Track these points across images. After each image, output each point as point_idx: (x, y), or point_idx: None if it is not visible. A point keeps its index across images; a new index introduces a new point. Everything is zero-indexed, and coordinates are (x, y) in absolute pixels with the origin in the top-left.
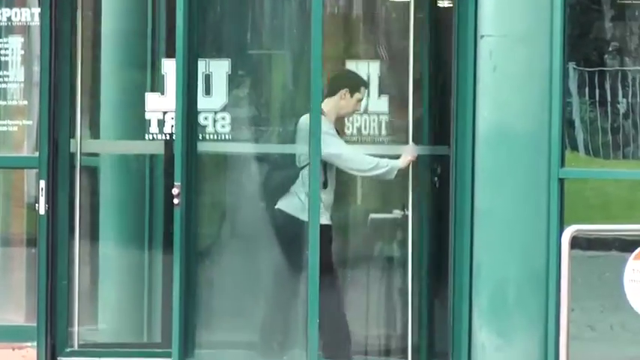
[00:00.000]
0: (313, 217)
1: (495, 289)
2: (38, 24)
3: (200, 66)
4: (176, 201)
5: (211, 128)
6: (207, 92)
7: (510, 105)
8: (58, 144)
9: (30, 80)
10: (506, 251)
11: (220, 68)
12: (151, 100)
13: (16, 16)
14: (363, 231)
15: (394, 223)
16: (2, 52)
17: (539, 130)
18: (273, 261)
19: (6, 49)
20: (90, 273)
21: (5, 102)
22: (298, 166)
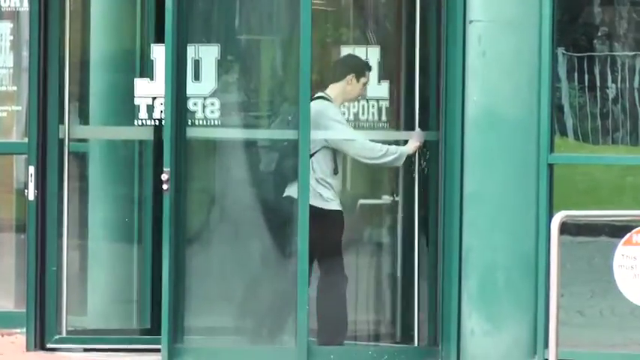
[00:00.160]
0: (303, 203)
1: (485, 275)
2: (27, 9)
3: (189, 51)
4: (165, 187)
5: (200, 114)
6: (196, 78)
7: (499, 90)
8: (48, 130)
9: (19, 66)
10: (495, 236)
11: (210, 54)
12: (140, 86)
13: (5, 2)
14: (352, 217)
15: (383, 209)
16: None
17: (528, 116)
18: (268, 247)
19: None
20: (79, 259)
21: None
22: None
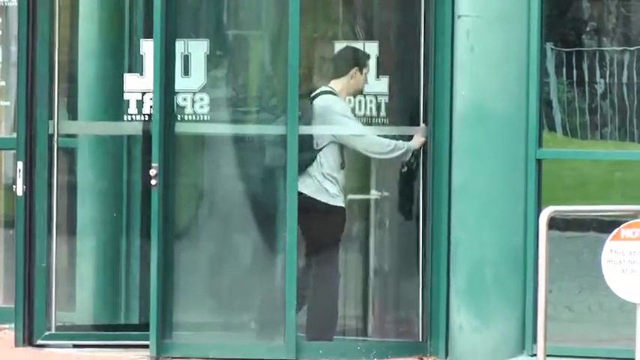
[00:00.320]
0: (291, 198)
1: (473, 270)
2: (16, 4)
3: (179, 46)
4: (153, 182)
5: (190, 109)
6: (185, 73)
7: (488, 85)
8: (37, 125)
9: (8, 61)
10: (483, 232)
11: (199, 49)
12: (130, 81)
13: None
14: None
15: (372, 204)
16: None
17: (516, 111)
18: (257, 243)
19: None
20: (67, 255)
21: None
22: (316, 148)
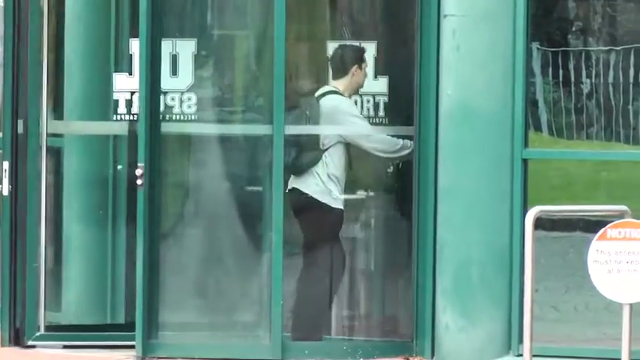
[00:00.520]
0: (277, 197)
1: (459, 270)
2: (2, 5)
3: (167, 46)
4: (139, 182)
5: (178, 109)
6: (173, 72)
7: (473, 84)
8: (28, 125)
9: None
10: (469, 231)
11: (186, 48)
12: (119, 81)
13: None
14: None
15: (358, 204)
16: None
17: (502, 110)
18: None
19: None
20: (54, 254)
21: None
22: (322, 148)
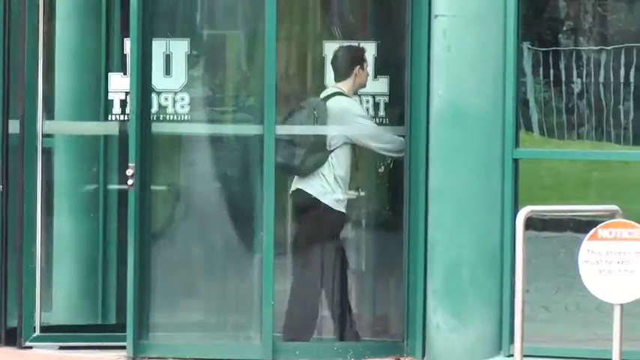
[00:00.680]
0: (268, 198)
1: (450, 270)
2: None
3: (160, 46)
4: (130, 182)
5: (171, 109)
6: (167, 72)
7: (464, 84)
8: (25, 125)
9: None
10: (460, 232)
11: (180, 48)
12: (114, 81)
13: None
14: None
15: (349, 204)
16: None
17: (493, 110)
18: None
19: None
20: (45, 255)
21: None
22: (328, 149)
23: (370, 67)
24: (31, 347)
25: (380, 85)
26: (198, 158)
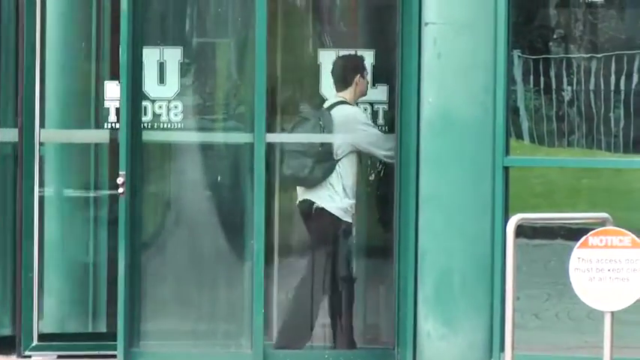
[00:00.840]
0: (258, 205)
1: (440, 278)
2: None
3: (154, 54)
4: (121, 190)
5: (165, 117)
6: (161, 81)
7: (455, 92)
8: (24, 134)
9: None
10: (451, 239)
11: (173, 56)
12: (110, 89)
13: None
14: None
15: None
16: None
17: (483, 118)
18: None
19: None
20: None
21: None
22: (335, 158)
23: (369, 76)
24: (30, 357)
25: (379, 93)
26: (192, 166)
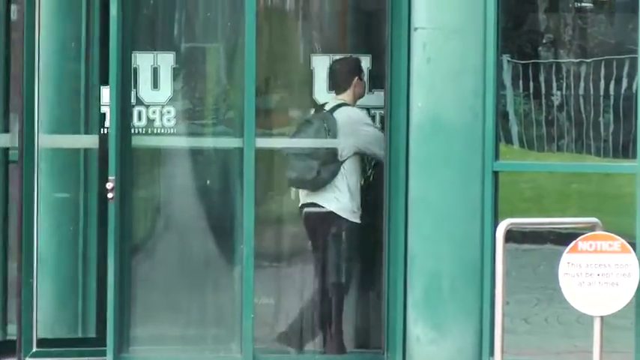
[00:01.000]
0: (248, 210)
1: (430, 282)
2: None
3: (148, 59)
4: (110, 195)
5: (158, 122)
6: (155, 86)
7: (444, 97)
8: (25, 139)
9: None
10: (440, 243)
11: (166, 61)
12: (106, 95)
13: None
14: (297, 224)
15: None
16: None
17: (473, 123)
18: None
19: None
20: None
21: None
22: (340, 160)
23: (366, 79)
24: None
25: (375, 99)
26: (185, 171)
